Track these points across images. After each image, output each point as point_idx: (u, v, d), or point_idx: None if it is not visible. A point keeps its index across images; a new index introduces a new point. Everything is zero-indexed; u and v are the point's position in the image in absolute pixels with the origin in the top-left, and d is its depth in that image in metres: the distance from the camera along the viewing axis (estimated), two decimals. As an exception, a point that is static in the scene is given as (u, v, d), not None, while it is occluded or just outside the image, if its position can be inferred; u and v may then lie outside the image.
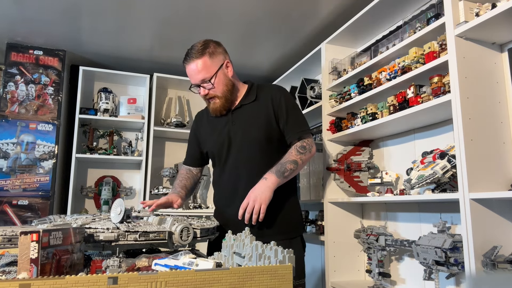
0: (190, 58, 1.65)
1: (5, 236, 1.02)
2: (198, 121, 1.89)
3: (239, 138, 1.67)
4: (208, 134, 1.79)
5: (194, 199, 3.27)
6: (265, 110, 1.67)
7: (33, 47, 3.01)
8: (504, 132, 1.46)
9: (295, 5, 2.45)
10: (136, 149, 3.18)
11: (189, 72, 1.66)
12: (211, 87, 1.64)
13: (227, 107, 1.69)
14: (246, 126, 1.67)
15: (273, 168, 1.58)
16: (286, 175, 1.57)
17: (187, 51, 1.68)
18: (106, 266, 0.98)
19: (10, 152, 2.82)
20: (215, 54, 1.66)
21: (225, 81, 1.67)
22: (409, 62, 1.71)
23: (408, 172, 1.74)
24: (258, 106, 1.69)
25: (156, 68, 3.37)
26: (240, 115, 1.70)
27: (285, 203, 1.66)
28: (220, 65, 1.66)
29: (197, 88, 1.68)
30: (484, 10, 1.40)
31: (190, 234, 1.19)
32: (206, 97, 1.68)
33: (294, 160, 1.61)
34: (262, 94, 1.72)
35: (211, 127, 1.78)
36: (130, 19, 2.64)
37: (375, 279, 1.94)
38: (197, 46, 1.66)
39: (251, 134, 1.65)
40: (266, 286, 0.78)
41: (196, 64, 1.63)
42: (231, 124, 1.69)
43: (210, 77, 1.63)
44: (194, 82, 1.66)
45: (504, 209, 1.38)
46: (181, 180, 1.82)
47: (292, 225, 1.68)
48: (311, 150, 1.67)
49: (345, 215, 2.24)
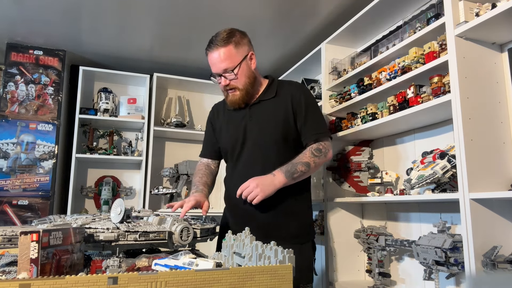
0: (214, 45, 1.58)
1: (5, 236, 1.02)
2: (215, 111, 1.82)
3: (254, 135, 1.61)
4: (223, 127, 1.73)
5: (194, 199, 3.27)
6: (284, 107, 1.61)
7: (33, 47, 3.01)
8: (504, 132, 1.46)
9: (295, 5, 2.45)
10: (136, 149, 3.18)
11: (211, 60, 1.60)
12: (233, 78, 1.58)
13: (246, 101, 1.63)
14: (263, 123, 1.61)
15: (284, 166, 1.52)
16: (295, 177, 1.52)
17: (211, 38, 1.61)
18: (106, 266, 0.98)
19: (10, 152, 2.82)
20: (240, 44, 1.60)
21: (247, 73, 1.61)
22: (409, 62, 1.71)
23: (408, 172, 1.74)
24: (277, 103, 1.63)
25: (156, 68, 3.37)
26: (258, 111, 1.64)
27: (297, 206, 1.61)
28: (244, 56, 1.60)
29: (217, 78, 1.62)
30: (484, 10, 1.40)
31: (190, 234, 1.19)
32: (226, 87, 1.61)
33: (306, 162, 1.55)
34: (282, 91, 1.66)
35: (227, 120, 1.72)
36: (130, 19, 2.64)
37: (375, 279, 1.95)
38: (222, 34, 1.59)
39: (268, 132, 1.60)
40: (266, 286, 0.78)
41: (220, 52, 1.56)
42: (248, 119, 1.63)
43: (233, 67, 1.56)
44: (216, 71, 1.60)
45: (504, 209, 1.38)
46: (201, 177, 1.73)
47: (303, 229, 1.62)
48: (326, 154, 1.60)
49: (345, 215, 2.24)
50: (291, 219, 1.59)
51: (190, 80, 3.28)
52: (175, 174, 3.20)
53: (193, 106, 3.52)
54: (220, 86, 1.65)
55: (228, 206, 1.73)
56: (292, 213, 1.59)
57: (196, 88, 3.49)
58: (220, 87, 1.66)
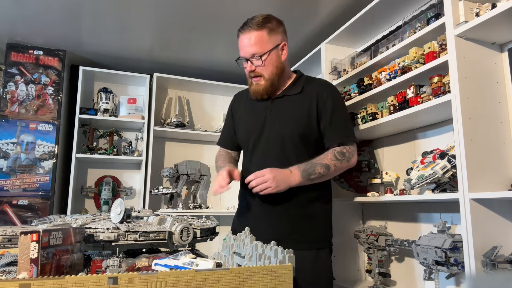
0: (247, 28, 1.52)
1: (5, 236, 1.02)
2: (236, 100, 1.77)
3: (272, 130, 1.54)
4: (242, 117, 1.67)
5: (194, 199, 3.27)
6: (308, 106, 1.53)
7: (33, 47, 3.01)
8: (504, 132, 1.46)
9: (295, 5, 2.45)
10: (136, 149, 3.18)
11: (241, 42, 1.54)
12: (260, 65, 1.51)
13: (270, 92, 1.57)
14: (284, 119, 1.54)
15: (302, 164, 1.45)
16: (312, 178, 1.45)
17: (246, 21, 1.55)
18: (106, 266, 0.98)
19: (10, 152, 2.82)
20: (274, 32, 1.54)
21: (276, 63, 1.54)
22: (409, 62, 1.71)
23: (408, 172, 1.74)
24: (301, 99, 1.55)
25: (156, 68, 3.37)
26: (280, 105, 1.56)
27: (314, 207, 1.54)
28: (276, 44, 1.54)
29: (244, 62, 1.55)
30: (484, 10, 1.40)
31: (190, 234, 1.19)
32: (251, 74, 1.54)
33: (326, 165, 1.47)
34: (309, 88, 1.58)
35: (248, 111, 1.66)
36: (130, 19, 2.64)
37: (375, 279, 1.95)
38: (258, 18, 1.54)
39: (287, 129, 1.52)
40: (266, 286, 0.78)
41: (251, 36, 1.51)
42: (268, 113, 1.56)
43: (261, 54, 1.50)
44: (243, 55, 1.54)
45: (504, 209, 1.38)
46: (224, 160, 1.67)
47: (320, 234, 1.55)
48: (350, 160, 1.52)
49: (345, 215, 2.23)
50: (309, 222, 1.52)
51: (190, 80, 3.28)
52: (175, 174, 3.20)
53: (193, 106, 3.52)
54: (245, 72, 1.58)
55: (242, 203, 1.67)
56: (309, 216, 1.52)
57: (196, 88, 3.49)
58: (245, 73, 1.59)
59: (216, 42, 2.97)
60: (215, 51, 3.11)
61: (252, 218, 1.56)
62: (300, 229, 1.51)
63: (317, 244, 1.52)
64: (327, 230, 1.60)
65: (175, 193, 3.11)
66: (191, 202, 3.25)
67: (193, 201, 3.26)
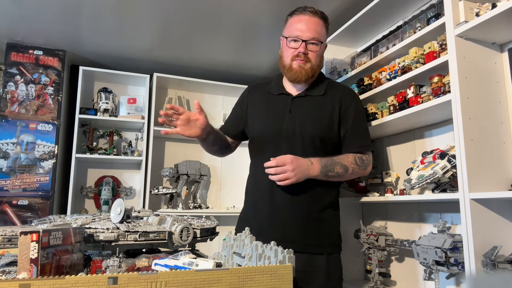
0: (312, 13, 1.52)
1: (5, 236, 1.02)
2: (251, 91, 1.71)
3: (291, 129, 1.51)
4: (258, 111, 1.62)
5: (194, 199, 3.27)
6: (331, 109, 1.53)
7: (33, 47, 3.00)
8: (504, 132, 1.46)
9: (295, 5, 2.44)
10: (136, 149, 3.18)
11: (301, 22, 1.51)
12: (314, 50, 1.51)
13: (307, 80, 1.55)
14: (304, 120, 1.51)
15: (324, 159, 1.45)
16: (329, 175, 1.45)
17: (308, 6, 1.54)
18: (106, 266, 0.98)
19: (10, 152, 2.82)
20: (327, 31, 1.60)
21: (321, 57, 1.57)
22: (409, 62, 1.71)
23: (408, 172, 1.74)
24: (324, 102, 1.54)
25: (156, 68, 3.37)
26: (301, 104, 1.54)
27: (326, 211, 1.53)
28: (325, 40, 1.59)
29: (293, 43, 1.51)
30: (484, 10, 1.40)
31: (190, 234, 1.19)
32: (301, 56, 1.50)
33: (346, 166, 1.47)
34: (332, 91, 1.58)
35: (265, 105, 1.61)
36: (130, 19, 2.64)
37: (375, 279, 1.94)
38: (319, 11, 1.56)
39: (307, 130, 1.50)
40: (266, 286, 0.78)
41: (316, 21, 1.52)
42: (288, 111, 1.53)
43: (321, 41, 1.53)
44: (302, 34, 1.50)
45: (504, 209, 1.38)
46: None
47: (332, 238, 1.54)
48: (366, 168, 1.54)
49: (345, 215, 2.23)
50: (321, 228, 1.51)
51: (190, 80, 3.28)
52: (175, 174, 3.20)
53: (193, 106, 3.52)
54: (293, 52, 1.52)
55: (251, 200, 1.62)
56: (321, 222, 1.51)
57: (196, 88, 3.49)
58: (289, 53, 1.53)
59: (216, 42, 2.97)
60: (215, 51, 3.11)
61: (263, 218, 1.53)
62: (313, 234, 1.49)
63: (328, 248, 1.52)
64: (338, 236, 1.59)
65: (175, 193, 3.11)
66: (191, 202, 3.25)
67: (193, 201, 3.26)
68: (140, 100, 3.27)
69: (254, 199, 1.61)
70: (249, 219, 1.57)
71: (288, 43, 1.54)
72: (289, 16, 1.59)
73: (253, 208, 1.60)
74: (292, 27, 1.54)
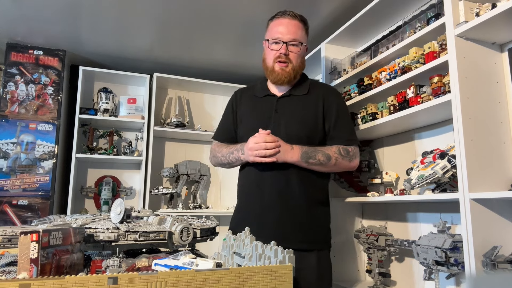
0: (292, 16, 1.59)
1: (5, 236, 1.02)
2: (238, 96, 1.77)
3: (278, 128, 1.55)
4: (245, 114, 1.67)
5: (194, 199, 3.27)
6: (314, 107, 1.58)
7: (33, 47, 3.00)
8: (504, 132, 1.46)
9: (295, 5, 2.44)
10: (136, 149, 3.18)
11: (281, 25, 1.58)
12: (295, 51, 1.57)
13: (290, 82, 1.61)
14: (290, 119, 1.57)
15: (305, 147, 1.50)
16: (310, 162, 1.49)
17: (285, 10, 1.62)
18: (106, 266, 0.98)
19: (10, 152, 2.82)
20: (306, 33, 1.66)
21: (302, 58, 1.63)
22: (409, 62, 1.71)
23: (408, 172, 1.74)
24: (308, 100, 1.60)
25: (156, 68, 3.37)
26: (286, 104, 1.60)
27: (316, 208, 1.57)
28: (306, 42, 1.64)
29: (275, 45, 1.58)
30: (484, 10, 1.40)
31: (190, 234, 1.19)
32: (282, 58, 1.57)
33: (328, 155, 1.50)
34: (315, 91, 1.64)
35: (251, 107, 1.66)
36: (130, 19, 2.64)
37: (375, 279, 1.94)
38: (298, 14, 1.63)
39: (293, 128, 1.55)
40: (266, 286, 0.78)
41: (296, 23, 1.59)
42: (274, 111, 1.59)
43: (301, 42, 1.58)
44: (282, 36, 1.57)
45: (504, 209, 1.38)
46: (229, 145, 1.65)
47: (321, 235, 1.57)
48: (352, 160, 1.56)
49: (345, 215, 2.24)
50: (311, 224, 1.54)
51: (190, 80, 3.28)
52: (175, 174, 3.20)
53: (193, 106, 3.52)
54: (274, 54, 1.59)
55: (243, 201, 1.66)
56: (312, 218, 1.54)
57: (196, 88, 3.49)
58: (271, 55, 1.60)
59: (216, 42, 2.97)
60: (215, 51, 3.11)
61: (254, 217, 1.55)
62: (303, 230, 1.52)
63: (318, 245, 1.55)
64: (328, 232, 1.63)
65: (175, 193, 3.11)
66: (191, 202, 3.25)
67: (193, 201, 3.26)
68: (140, 100, 3.27)
69: (244, 199, 1.65)
70: (241, 219, 1.60)
71: (269, 45, 1.61)
72: (270, 20, 1.66)
73: (244, 207, 1.63)
74: (273, 30, 1.60)
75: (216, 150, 1.72)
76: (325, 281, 1.54)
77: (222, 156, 1.67)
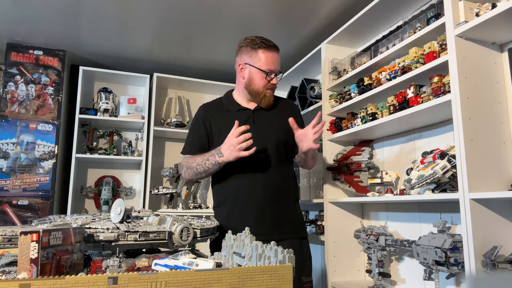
0: (276, 48, 1.79)
1: (5, 236, 1.02)
2: (207, 111, 1.83)
3: (259, 137, 1.64)
4: (223, 129, 1.71)
5: (194, 199, 3.27)
6: (286, 117, 1.73)
7: (33, 47, 3.00)
8: (504, 132, 1.46)
9: (295, 5, 2.45)
10: (136, 149, 3.18)
11: (274, 58, 1.77)
12: (278, 79, 1.79)
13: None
14: (267, 128, 1.74)
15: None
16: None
17: (267, 39, 1.78)
18: (106, 266, 0.98)
19: (10, 152, 2.82)
20: None
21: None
22: (409, 62, 1.71)
23: (408, 172, 1.74)
24: (278, 113, 1.80)
25: (156, 68, 3.37)
26: (261, 116, 1.77)
27: (296, 204, 1.79)
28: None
29: (270, 76, 1.76)
30: (484, 10, 1.40)
31: (190, 234, 1.19)
32: (275, 86, 1.79)
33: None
34: (280, 103, 1.85)
35: (227, 121, 1.70)
36: (130, 19, 2.64)
37: (375, 279, 1.94)
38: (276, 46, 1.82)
39: (273, 136, 1.73)
40: (266, 286, 0.78)
41: (278, 56, 1.80)
42: (251, 122, 1.72)
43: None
44: (276, 69, 1.77)
45: (504, 209, 1.38)
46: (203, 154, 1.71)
47: (302, 226, 1.81)
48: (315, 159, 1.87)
49: (345, 215, 2.24)
50: (292, 216, 1.75)
51: (190, 80, 3.28)
52: (175, 174, 3.19)
53: (193, 106, 3.52)
54: (267, 83, 1.76)
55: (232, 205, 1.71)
56: (291, 211, 1.76)
57: (196, 88, 3.49)
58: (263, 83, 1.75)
59: (216, 42, 2.97)
60: (215, 51, 3.11)
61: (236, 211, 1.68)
62: (286, 221, 1.70)
63: (300, 233, 1.74)
64: (304, 223, 1.91)
65: (175, 193, 3.11)
66: (191, 202, 3.25)
67: (193, 201, 3.26)
68: (140, 100, 3.27)
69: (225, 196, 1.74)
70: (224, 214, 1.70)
71: (262, 74, 1.75)
72: (258, 48, 1.76)
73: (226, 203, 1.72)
74: (266, 61, 1.75)
75: (190, 161, 1.79)
76: (308, 264, 1.72)
77: (198, 165, 1.72)
